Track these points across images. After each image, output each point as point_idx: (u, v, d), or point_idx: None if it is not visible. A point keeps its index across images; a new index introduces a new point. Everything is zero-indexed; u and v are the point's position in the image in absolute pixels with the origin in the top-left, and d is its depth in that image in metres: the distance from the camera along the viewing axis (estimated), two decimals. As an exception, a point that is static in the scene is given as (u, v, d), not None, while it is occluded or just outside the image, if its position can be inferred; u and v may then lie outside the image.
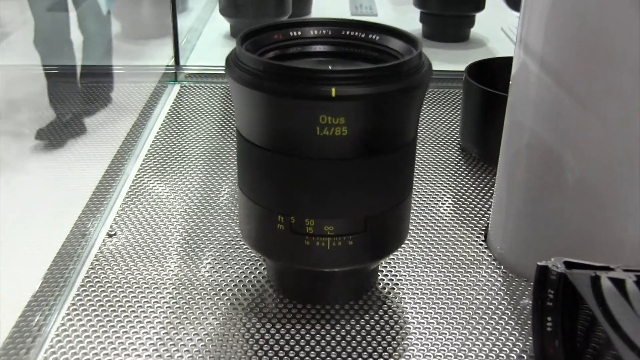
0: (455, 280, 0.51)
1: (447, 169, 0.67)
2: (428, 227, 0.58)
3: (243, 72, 0.40)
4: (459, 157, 0.69)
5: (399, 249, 0.54)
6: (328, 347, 0.44)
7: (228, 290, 0.49)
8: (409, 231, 0.48)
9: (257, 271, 0.51)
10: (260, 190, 0.44)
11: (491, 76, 0.69)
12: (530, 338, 0.44)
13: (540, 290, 0.42)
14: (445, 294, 0.50)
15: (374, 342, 0.45)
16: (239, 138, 0.44)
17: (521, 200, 0.50)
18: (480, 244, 0.55)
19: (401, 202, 0.45)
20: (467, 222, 0.58)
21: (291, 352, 0.44)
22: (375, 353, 0.44)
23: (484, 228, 0.57)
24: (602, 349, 0.39)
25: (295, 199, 0.43)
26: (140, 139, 0.72)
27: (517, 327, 0.47)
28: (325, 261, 0.44)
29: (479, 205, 0.61)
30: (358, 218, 0.43)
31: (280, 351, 0.44)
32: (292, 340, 0.45)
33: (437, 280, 0.51)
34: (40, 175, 0.76)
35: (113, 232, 0.55)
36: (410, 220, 0.58)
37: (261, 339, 0.45)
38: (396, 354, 0.44)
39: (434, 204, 0.61)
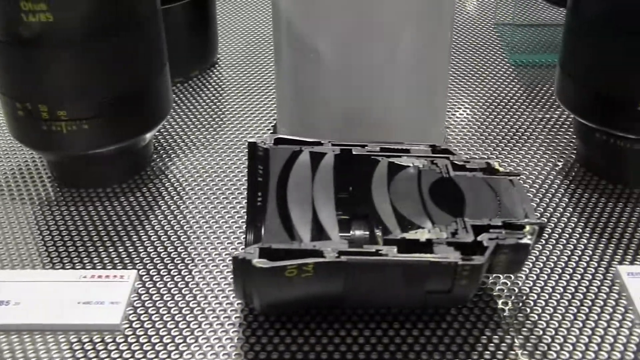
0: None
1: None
2: (215, 117, 0.60)
3: None
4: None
5: (171, 132, 0.57)
6: (92, 227, 0.48)
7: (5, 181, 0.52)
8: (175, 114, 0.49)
9: (42, 164, 0.54)
10: (1, 79, 0.46)
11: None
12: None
13: (251, 166, 0.44)
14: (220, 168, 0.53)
15: (139, 216, 0.49)
16: None
17: (290, 89, 0.52)
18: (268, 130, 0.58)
19: (139, 87, 0.47)
20: (259, 115, 0.60)
21: (55, 232, 0.47)
22: (140, 226, 0.48)
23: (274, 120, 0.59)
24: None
25: (23, 86, 0.45)
26: None
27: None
28: (63, 145, 0.47)
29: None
30: (90, 103, 0.46)
31: (45, 231, 0.47)
32: (60, 222, 0.48)
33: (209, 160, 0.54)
34: None
35: None
36: (196, 107, 0.61)
37: (32, 223, 0.48)
38: (158, 226, 0.48)
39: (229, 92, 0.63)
